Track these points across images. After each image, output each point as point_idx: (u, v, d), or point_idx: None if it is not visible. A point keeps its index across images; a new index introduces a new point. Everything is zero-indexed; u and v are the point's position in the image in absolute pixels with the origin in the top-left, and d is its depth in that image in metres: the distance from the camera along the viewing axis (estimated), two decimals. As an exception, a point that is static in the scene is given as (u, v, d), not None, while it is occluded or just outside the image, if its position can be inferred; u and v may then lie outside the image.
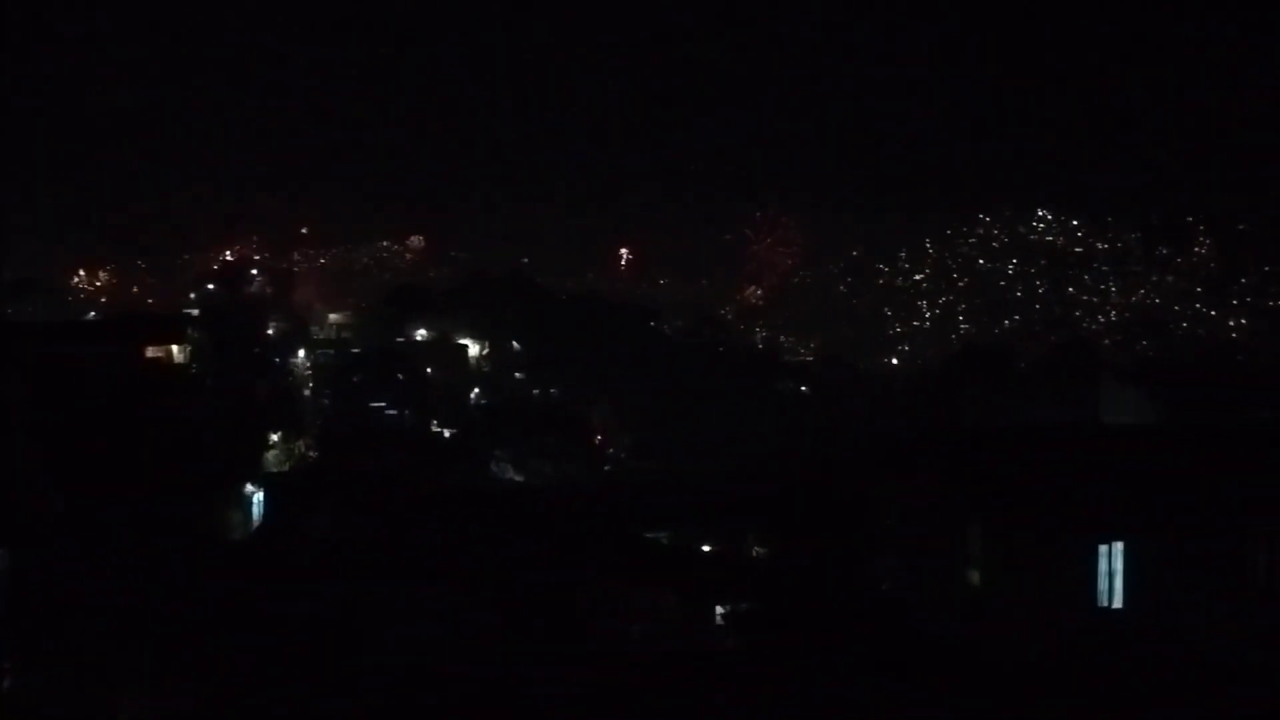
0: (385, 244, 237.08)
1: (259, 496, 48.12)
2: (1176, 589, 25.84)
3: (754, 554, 41.12)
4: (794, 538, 37.75)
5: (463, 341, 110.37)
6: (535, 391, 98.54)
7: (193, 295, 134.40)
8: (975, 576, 28.22)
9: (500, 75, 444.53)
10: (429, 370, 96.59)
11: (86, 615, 29.46)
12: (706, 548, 41.18)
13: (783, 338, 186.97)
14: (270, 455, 63.86)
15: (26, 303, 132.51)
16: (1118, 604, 26.41)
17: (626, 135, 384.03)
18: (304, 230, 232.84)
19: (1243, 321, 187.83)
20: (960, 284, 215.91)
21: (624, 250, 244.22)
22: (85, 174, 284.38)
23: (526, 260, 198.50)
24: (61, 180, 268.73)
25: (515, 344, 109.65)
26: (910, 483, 32.12)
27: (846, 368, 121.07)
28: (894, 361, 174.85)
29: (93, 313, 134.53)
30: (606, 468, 78.83)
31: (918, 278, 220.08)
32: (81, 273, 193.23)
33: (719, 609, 33.44)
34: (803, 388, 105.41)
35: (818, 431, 79.49)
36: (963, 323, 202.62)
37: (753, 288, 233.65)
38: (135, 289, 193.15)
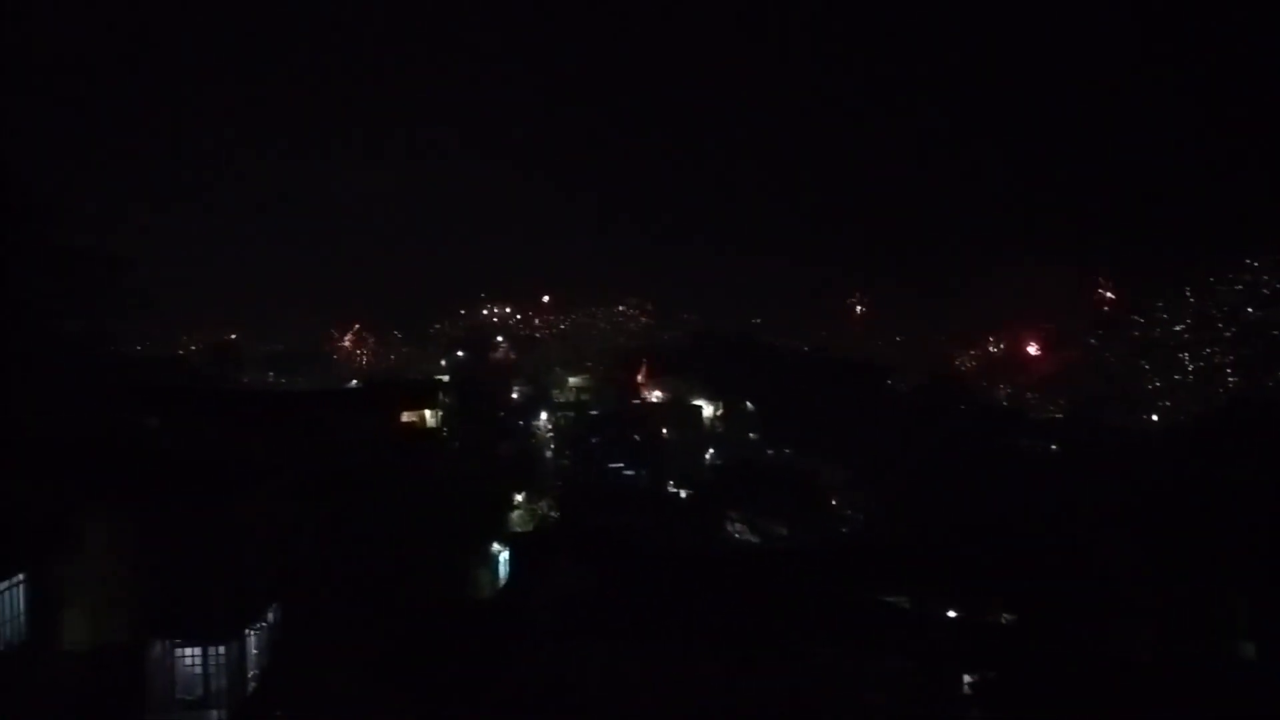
0: (621, 308, 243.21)
1: (504, 555, 49.74)
2: None
3: (1001, 620, 39.27)
4: (1043, 603, 35.85)
5: (697, 403, 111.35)
6: (769, 451, 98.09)
7: (443, 362, 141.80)
8: (1250, 649, 26.08)
9: (726, 140, 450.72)
10: (664, 431, 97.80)
11: (348, 665, 31.25)
12: (950, 613, 39.64)
13: (1028, 394, 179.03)
14: (514, 515, 65.71)
15: (298, 371, 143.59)
16: None
17: (857, 193, 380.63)
18: (545, 298, 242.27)
19: None
20: (1226, 334, 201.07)
21: (856, 306, 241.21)
22: (346, 252, 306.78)
23: (758, 320, 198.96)
24: (327, 258, 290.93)
25: (748, 404, 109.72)
26: (1170, 547, 30.09)
27: (1099, 425, 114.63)
28: (1154, 418, 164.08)
29: (354, 380, 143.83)
30: (842, 529, 77.31)
31: (1177, 328, 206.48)
32: (344, 343, 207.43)
33: (965, 678, 32.08)
34: (1051, 445, 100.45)
35: (1067, 491, 75.36)
36: (1230, 376, 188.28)
37: (993, 342, 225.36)
38: (392, 357, 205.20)
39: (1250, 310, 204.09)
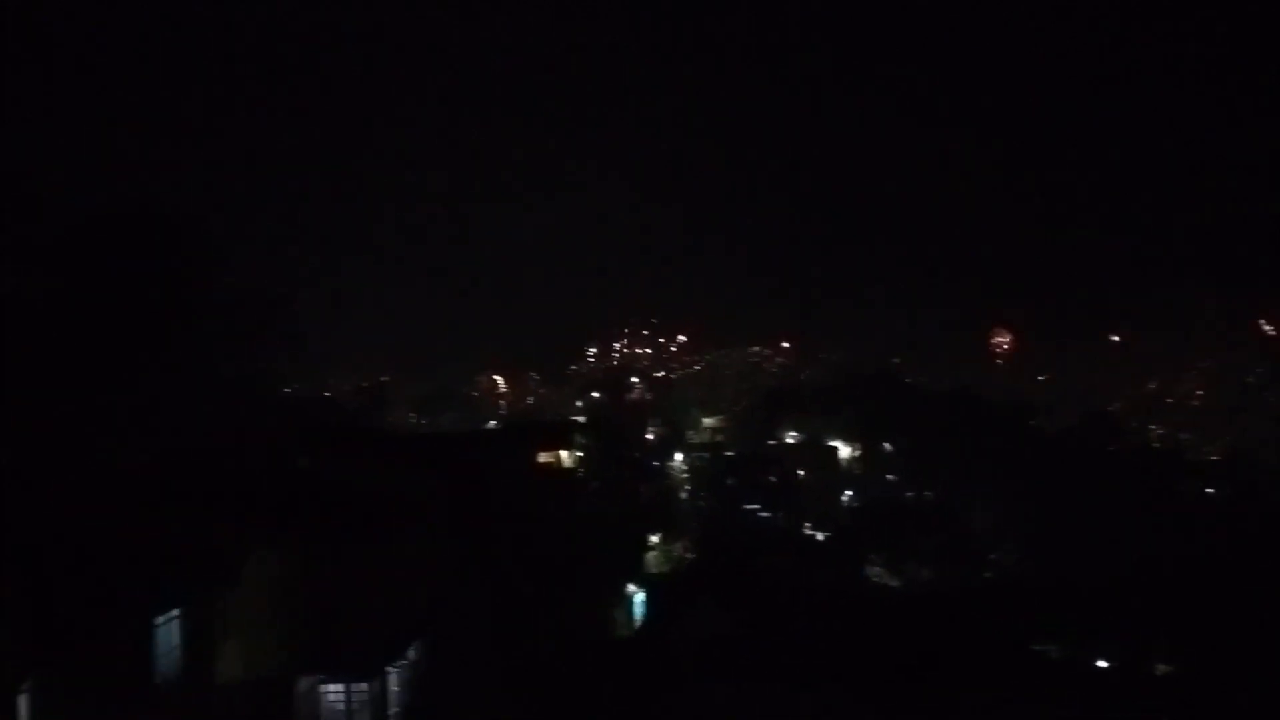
0: (756, 349, 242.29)
1: (640, 596, 49.79)
2: None
3: (1158, 671, 37.57)
4: (1204, 652, 34.19)
5: (833, 443, 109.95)
6: (909, 494, 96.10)
7: (579, 403, 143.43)
8: None
9: (864, 179, 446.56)
10: (800, 472, 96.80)
11: (488, 703, 31.69)
12: (1102, 663, 38.12)
13: (1182, 435, 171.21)
14: (651, 556, 65.78)
15: (440, 412, 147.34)
16: None
17: (998, 228, 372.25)
18: (681, 338, 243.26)
19: None
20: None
21: (1000, 344, 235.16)
22: (489, 292, 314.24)
23: (897, 360, 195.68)
24: (471, 298, 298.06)
25: (886, 445, 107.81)
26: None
27: (1261, 466, 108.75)
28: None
29: (493, 421, 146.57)
30: (987, 574, 75.03)
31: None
32: (486, 384, 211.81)
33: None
34: (1208, 489, 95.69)
35: (1228, 535, 71.69)
36: None
37: (1146, 382, 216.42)
38: (530, 399, 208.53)
39: None
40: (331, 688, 30.34)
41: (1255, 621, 32.78)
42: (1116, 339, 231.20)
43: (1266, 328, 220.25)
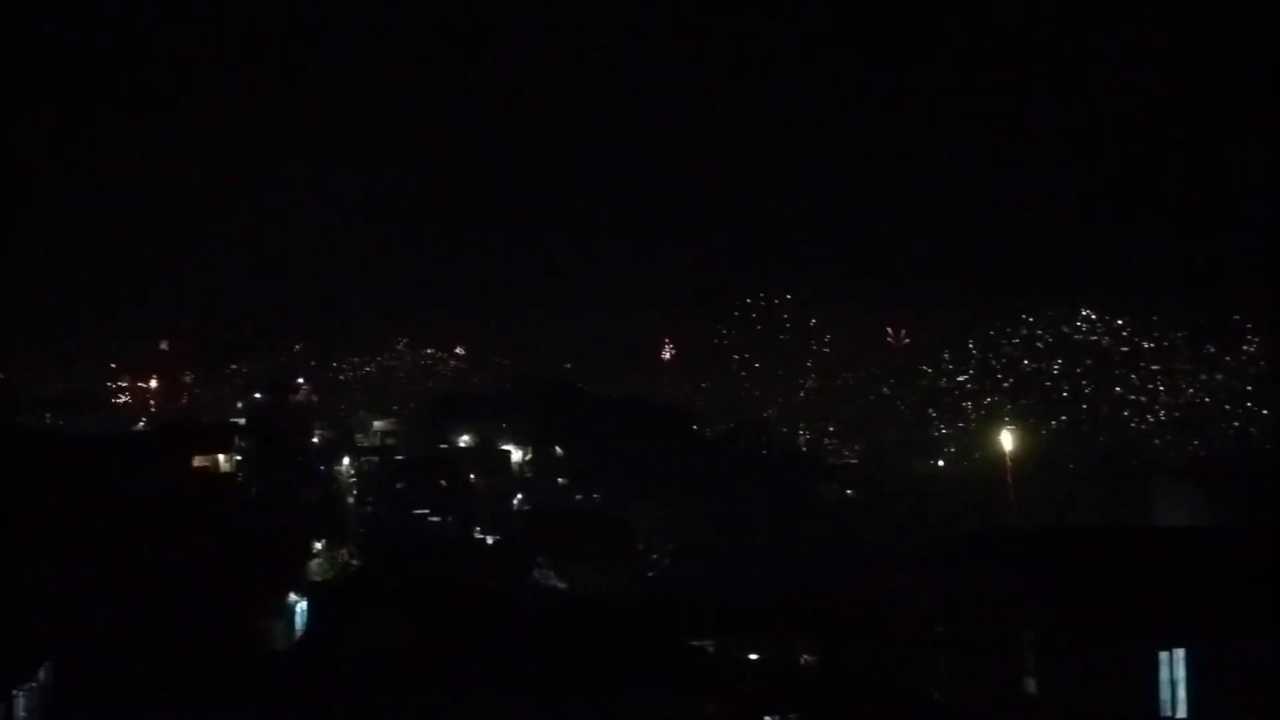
0: (430, 351, 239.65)
1: (302, 605, 47.83)
2: (1244, 698, 24.87)
3: (802, 661, 40.16)
4: (842, 644, 36.88)
5: (505, 447, 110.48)
6: (578, 497, 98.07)
7: (240, 405, 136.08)
8: (1031, 685, 27.36)
9: (537, 183, 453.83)
10: (472, 476, 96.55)
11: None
12: (753, 655, 40.28)
13: (826, 441, 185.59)
14: (314, 564, 63.66)
15: (76, 414, 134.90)
16: (1181, 714, 25.45)
17: (661, 240, 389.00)
18: (350, 341, 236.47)
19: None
20: (1005, 385, 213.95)
21: (666, 353, 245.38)
22: (134, 288, 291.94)
23: (569, 365, 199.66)
24: (110, 295, 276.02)
25: (558, 449, 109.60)
26: (961, 587, 31.42)
27: (892, 470, 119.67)
28: (940, 464, 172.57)
29: (141, 423, 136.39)
30: (650, 574, 77.76)
31: (961, 379, 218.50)
32: (130, 385, 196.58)
33: (767, 719, 32.58)
34: (848, 491, 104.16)
35: (864, 535, 78.21)
36: (1009, 424, 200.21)
37: (794, 390, 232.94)
38: (184, 399, 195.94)
39: (1026, 363, 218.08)
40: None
41: (888, 613, 35.76)
42: (770, 349, 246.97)
43: (899, 342, 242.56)
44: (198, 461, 58.65)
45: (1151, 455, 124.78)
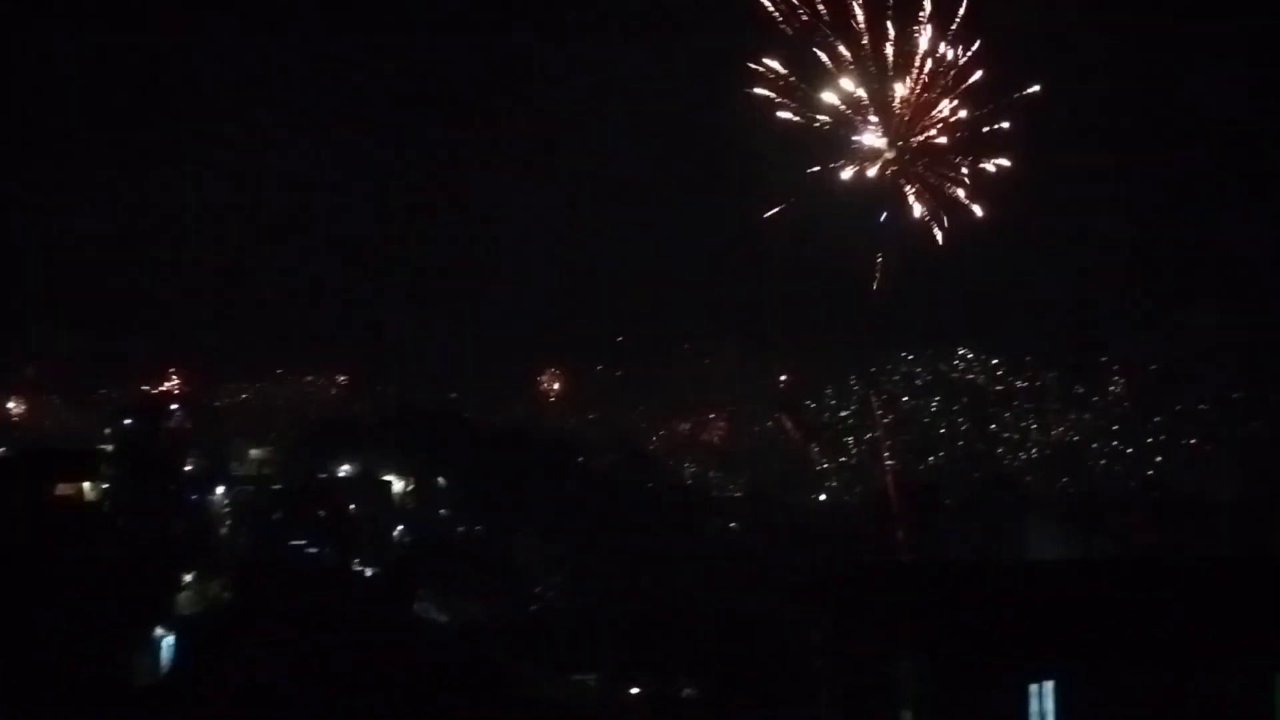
0: (310, 379, 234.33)
1: (169, 640, 46.23)
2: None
3: (683, 695, 40.21)
4: (724, 678, 37.03)
5: (387, 477, 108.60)
6: (461, 529, 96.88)
7: (108, 430, 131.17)
8: (908, 717, 27.77)
9: (423, 206, 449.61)
10: (352, 507, 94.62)
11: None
12: (635, 690, 40.20)
13: (711, 473, 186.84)
14: (183, 597, 61.72)
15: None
16: (1051, 743, 26.07)
17: (552, 269, 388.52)
18: (228, 367, 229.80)
19: (1158, 459, 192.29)
20: (885, 420, 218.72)
21: (552, 385, 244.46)
22: None
23: (454, 395, 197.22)
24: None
25: (441, 480, 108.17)
26: (839, 620, 31.80)
27: (775, 504, 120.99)
28: (822, 498, 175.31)
29: (0, 448, 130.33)
30: (533, 607, 77.16)
31: (843, 414, 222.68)
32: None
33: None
34: (731, 524, 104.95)
35: (747, 567, 78.83)
36: (888, 459, 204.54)
37: (680, 423, 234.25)
38: (47, 423, 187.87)
39: (906, 399, 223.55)
40: None
41: (770, 645, 36.06)
42: (657, 381, 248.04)
43: (780, 378, 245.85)
44: (61, 489, 56.64)
45: (1024, 491, 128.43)
